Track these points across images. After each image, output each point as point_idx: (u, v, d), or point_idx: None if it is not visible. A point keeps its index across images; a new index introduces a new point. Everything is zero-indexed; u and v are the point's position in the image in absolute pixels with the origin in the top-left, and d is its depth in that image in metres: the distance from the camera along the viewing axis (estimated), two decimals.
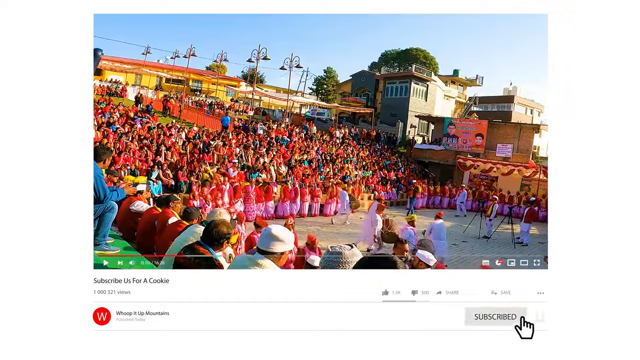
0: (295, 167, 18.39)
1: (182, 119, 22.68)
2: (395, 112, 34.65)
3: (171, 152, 14.88)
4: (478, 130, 28.22)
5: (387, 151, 28.94)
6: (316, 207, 15.96)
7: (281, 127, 23.96)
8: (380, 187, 21.67)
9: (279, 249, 2.77)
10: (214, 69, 43.33)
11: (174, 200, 5.93)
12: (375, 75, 39.40)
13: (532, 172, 22.89)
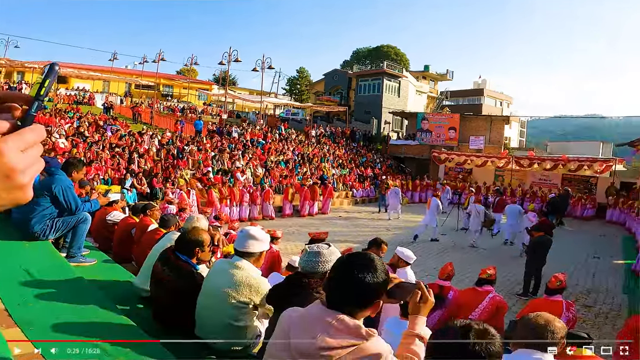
0: (272, 168, 18.34)
1: (154, 125, 22.31)
2: (369, 109, 34.86)
3: (144, 160, 14.63)
4: (451, 123, 28.69)
5: (363, 148, 29.13)
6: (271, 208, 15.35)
7: (256, 129, 23.84)
8: (358, 185, 21.83)
9: (257, 248, 2.82)
10: (184, 73, 42.74)
11: (151, 208, 5.87)
12: (348, 74, 39.54)
13: (504, 162, 23.42)
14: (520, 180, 23.29)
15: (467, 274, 8.96)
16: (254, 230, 2.91)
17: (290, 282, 2.53)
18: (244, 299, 2.66)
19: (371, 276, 1.48)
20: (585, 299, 8.03)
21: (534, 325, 2.13)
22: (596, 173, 21.38)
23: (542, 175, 23.02)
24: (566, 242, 12.96)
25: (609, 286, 8.94)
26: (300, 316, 1.57)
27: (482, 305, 4.64)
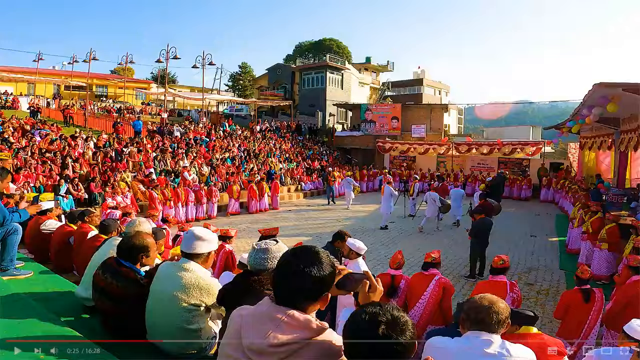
0: (218, 166, 17.96)
1: (88, 127, 21.10)
2: (313, 102, 35.01)
3: (80, 164, 13.82)
4: (393, 113, 29.46)
5: (309, 141, 29.23)
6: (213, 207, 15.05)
7: (199, 127, 23.20)
8: (306, 178, 21.88)
9: (204, 249, 2.76)
10: (119, 72, 40.71)
11: (89, 214, 5.57)
12: (291, 68, 39.45)
13: (445, 149, 24.40)
14: (461, 166, 24.38)
15: (419, 259, 9.24)
16: (200, 230, 2.82)
17: (239, 281, 2.48)
18: (195, 302, 2.60)
19: (317, 269, 1.47)
20: (526, 277, 8.43)
21: (479, 307, 2.18)
22: (528, 155, 22.81)
23: (480, 160, 24.21)
24: (506, 223, 13.73)
25: (547, 263, 9.47)
26: (250, 314, 1.55)
27: (429, 288, 4.75)
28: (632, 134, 11.01)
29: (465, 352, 2.11)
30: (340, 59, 39.78)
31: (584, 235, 9.03)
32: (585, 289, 4.70)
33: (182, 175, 15.44)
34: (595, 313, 4.60)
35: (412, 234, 12.48)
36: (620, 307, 4.65)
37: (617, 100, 9.79)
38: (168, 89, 28.04)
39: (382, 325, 1.32)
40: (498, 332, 2.15)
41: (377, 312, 1.36)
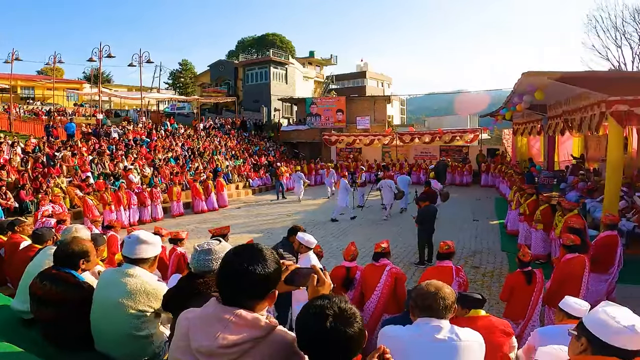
0: (161, 166, 17.34)
1: (14, 131, 19.61)
2: (258, 97, 34.64)
3: (6, 171, 12.82)
4: (338, 106, 29.77)
5: (255, 137, 28.91)
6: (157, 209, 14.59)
7: (138, 127, 22.25)
8: (253, 174, 21.64)
9: (149, 253, 2.65)
10: (47, 72, 38.07)
11: (20, 223, 5.24)
12: (234, 64, 38.77)
13: (389, 139, 25.01)
14: (405, 155, 25.11)
15: (370, 250, 9.39)
16: (144, 234, 2.71)
17: (184, 284, 2.40)
18: (143, 307, 2.51)
19: (261, 267, 1.46)
20: (472, 260, 8.76)
21: (426, 294, 2.22)
22: (467, 143, 23.87)
23: (423, 149, 25.04)
24: (450, 208, 14.29)
25: (490, 246, 9.90)
26: (197, 317, 1.51)
27: (382, 279, 4.81)
28: (558, 120, 11.80)
29: (416, 339, 2.15)
30: (284, 54, 39.58)
31: (521, 217, 9.55)
32: (527, 271, 4.88)
33: (126, 177, 14.80)
34: (536, 294, 4.80)
35: (362, 225, 12.69)
36: (558, 285, 4.90)
37: (543, 88, 10.44)
38: (103, 89, 26.60)
39: (329, 318, 1.33)
40: (446, 317, 2.20)
41: (324, 305, 1.37)
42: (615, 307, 1.78)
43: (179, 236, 6.38)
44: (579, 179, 12.59)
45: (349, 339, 1.33)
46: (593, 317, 1.77)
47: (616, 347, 1.65)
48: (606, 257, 5.82)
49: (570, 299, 3.18)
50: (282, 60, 36.61)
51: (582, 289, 4.91)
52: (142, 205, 13.83)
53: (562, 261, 5.20)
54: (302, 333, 1.38)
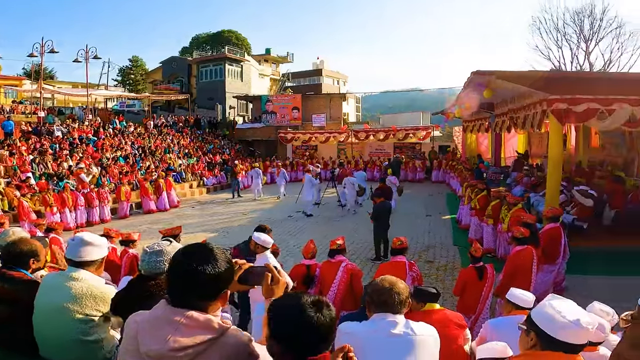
0: (110, 166, 16.61)
1: None
2: (212, 95, 33.97)
3: None
4: (294, 104, 29.72)
5: (210, 135, 28.32)
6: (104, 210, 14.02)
7: (84, 125, 21.19)
8: (208, 173, 21.20)
9: (95, 255, 2.55)
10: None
11: None
12: (188, 60, 37.80)
13: (345, 136, 25.22)
14: (360, 152, 25.43)
15: (327, 247, 9.42)
16: (88, 235, 2.60)
17: (135, 286, 2.30)
18: (91, 312, 2.41)
19: (212, 267, 1.41)
20: (426, 255, 8.97)
21: (381, 290, 2.25)
22: (420, 140, 24.48)
23: (377, 146, 25.46)
24: (404, 204, 14.60)
25: (442, 240, 10.18)
26: (146, 320, 1.44)
27: (338, 276, 4.83)
28: (504, 117, 12.31)
29: (373, 335, 2.17)
30: (240, 51, 39.01)
31: (472, 211, 9.89)
32: (478, 266, 5.03)
33: (77, 177, 14.16)
34: (487, 288, 4.97)
35: (318, 222, 12.72)
36: (509, 277, 5.10)
37: (491, 86, 10.85)
38: (45, 85, 25.10)
39: (308, 305, 1.37)
40: (401, 312, 2.23)
41: (299, 296, 1.42)
42: (561, 301, 1.82)
43: (131, 237, 6.19)
44: (523, 174, 13.20)
45: (325, 325, 1.36)
46: (540, 311, 1.81)
47: (563, 341, 1.69)
48: (552, 249, 6.11)
49: (516, 290, 3.31)
50: (238, 58, 36.08)
51: (532, 280, 5.14)
52: (90, 206, 13.21)
53: (512, 253, 5.41)
54: (279, 323, 1.38)
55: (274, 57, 46.61)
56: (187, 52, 45.70)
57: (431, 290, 3.39)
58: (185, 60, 38.43)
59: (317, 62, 50.51)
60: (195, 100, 34.68)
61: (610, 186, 9.98)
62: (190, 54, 42.34)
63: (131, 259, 5.86)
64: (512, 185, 12.82)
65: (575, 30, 27.01)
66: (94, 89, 28.25)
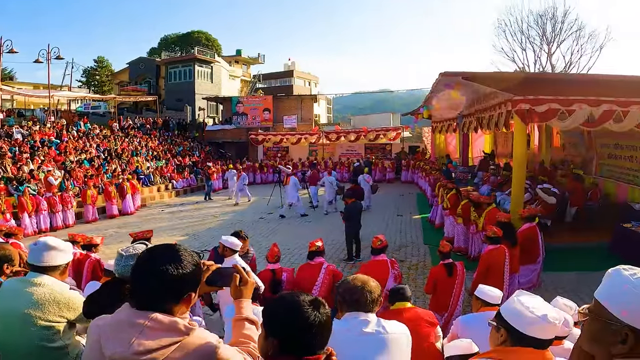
0: (74, 169, 16.06)
1: None
2: (181, 96, 33.36)
3: None
4: (265, 105, 29.54)
5: (179, 137, 27.79)
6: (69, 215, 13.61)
7: (46, 127, 20.40)
8: (177, 176, 20.80)
9: (60, 260, 2.49)
10: None
11: None
12: (156, 61, 37.01)
13: (316, 138, 25.26)
14: (331, 153, 25.52)
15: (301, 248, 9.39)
16: (52, 240, 2.52)
17: (108, 290, 2.25)
18: (54, 318, 2.34)
19: (176, 267, 1.38)
20: (398, 254, 8.99)
21: (353, 288, 2.24)
22: (390, 140, 24.80)
23: (348, 147, 25.62)
24: (375, 204, 14.74)
25: (413, 240, 10.29)
26: (109, 324, 1.40)
27: (320, 277, 4.82)
28: (471, 118, 12.61)
29: (345, 334, 2.15)
30: (210, 52, 38.50)
31: (445, 211, 10.06)
32: (447, 263, 5.08)
33: (45, 180, 13.74)
34: (458, 285, 5.03)
35: (290, 224, 12.67)
36: (483, 275, 5.20)
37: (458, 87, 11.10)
38: (3, 87, 24.05)
39: (305, 303, 1.39)
40: (373, 310, 2.23)
41: (296, 295, 1.44)
42: (529, 297, 1.85)
43: (93, 242, 6.01)
44: (490, 173, 13.56)
45: (319, 322, 1.38)
46: (509, 307, 1.83)
47: (532, 336, 1.72)
48: (531, 248, 6.28)
49: (484, 287, 3.36)
50: (208, 59, 35.59)
51: (505, 277, 5.26)
52: (53, 211, 12.74)
53: (484, 252, 5.51)
54: (278, 321, 1.39)
55: (244, 58, 46.17)
56: (156, 53, 44.78)
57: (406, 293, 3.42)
58: (154, 61, 37.64)
59: (289, 64, 50.42)
60: (163, 102, 33.98)
61: (571, 184, 10.37)
62: (158, 54, 41.51)
63: (93, 263, 5.70)
64: (479, 185, 13.14)
65: (538, 33, 27.91)
66: (56, 90, 27.21)
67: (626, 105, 7.27)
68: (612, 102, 7.27)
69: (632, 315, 1.04)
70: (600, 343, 1.11)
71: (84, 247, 5.99)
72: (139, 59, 38.43)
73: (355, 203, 9.12)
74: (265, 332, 1.39)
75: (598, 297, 1.15)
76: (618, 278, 1.12)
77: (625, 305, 1.06)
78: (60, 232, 12.08)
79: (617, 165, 10.56)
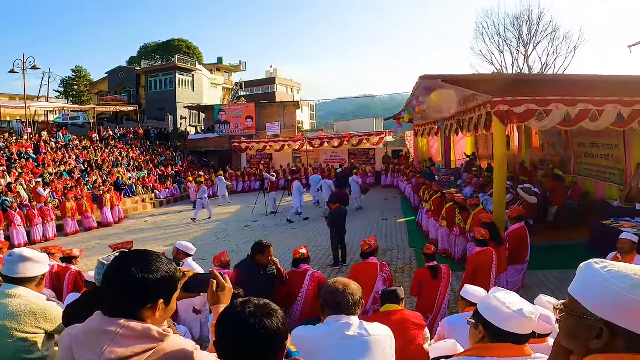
0: (53, 181, 15.74)
1: None
2: (162, 105, 33.04)
3: None
4: (247, 113, 29.42)
5: (161, 147, 27.49)
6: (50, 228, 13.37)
7: (23, 139, 19.99)
8: (160, 186, 20.54)
9: (36, 271, 2.48)
10: None
11: None
12: (136, 70, 36.60)
13: (299, 144, 25.22)
14: (315, 159, 25.52)
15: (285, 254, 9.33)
16: (27, 251, 2.53)
17: (89, 299, 2.22)
18: (31, 329, 2.33)
19: (141, 272, 1.34)
20: (383, 257, 8.95)
21: (334, 292, 2.24)
22: (373, 145, 24.91)
23: (332, 153, 25.64)
24: (360, 209, 14.77)
25: (399, 243, 10.32)
26: (80, 332, 1.37)
27: (305, 284, 4.76)
28: (452, 121, 12.75)
29: (327, 337, 2.15)
30: (191, 60, 38.24)
31: (429, 213, 10.09)
32: (432, 266, 5.12)
33: (34, 191, 13.74)
34: (443, 287, 5.06)
35: (275, 231, 12.59)
36: (471, 277, 5.23)
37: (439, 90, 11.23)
38: None
39: (250, 306, 1.35)
40: (355, 313, 2.22)
41: (249, 299, 1.39)
42: (504, 293, 1.88)
43: (72, 254, 5.91)
44: (472, 175, 13.71)
45: (267, 331, 1.31)
46: (486, 304, 1.85)
47: (509, 332, 1.74)
48: (520, 248, 6.33)
49: (469, 287, 3.39)
50: (189, 67, 35.34)
51: (491, 279, 5.30)
52: (31, 224, 12.47)
53: (473, 254, 5.56)
54: (224, 326, 1.34)
55: (226, 66, 46.02)
56: (135, 62, 44.32)
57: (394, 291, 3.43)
58: (133, 70, 37.24)
59: (271, 71, 50.49)
60: (144, 112, 33.61)
61: (551, 184, 10.55)
62: (138, 63, 41.06)
63: (74, 275, 5.60)
64: (463, 187, 13.26)
65: (515, 35, 28.46)
66: (33, 101, 26.71)
67: (601, 105, 7.44)
68: (587, 101, 7.44)
69: (604, 309, 1.04)
70: (576, 339, 1.11)
71: (63, 260, 5.90)
72: (119, 68, 37.98)
73: (340, 208, 9.10)
74: (214, 341, 1.38)
75: (572, 292, 1.16)
76: (589, 272, 1.12)
77: (597, 299, 1.06)
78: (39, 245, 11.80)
79: (594, 164, 10.79)
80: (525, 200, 9.37)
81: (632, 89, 7.63)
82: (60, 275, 5.62)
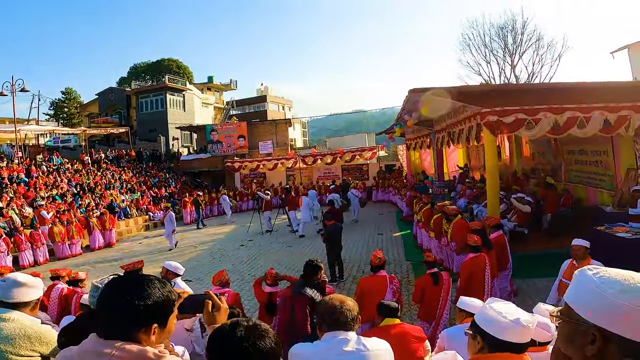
0: (45, 205, 15.58)
1: None
2: (154, 127, 33.01)
3: None
4: (239, 132, 29.45)
5: (153, 168, 27.38)
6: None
7: (14, 163, 19.84)
8: (154, 207, 20.41)
9: (31, 296, 2.51)
10: None
11: None
12: (126, 91, 36.62)
13: (292, 162, 25.22)
14: (309, 177, 25.52)
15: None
16: (22, 276, 2.56)
17: (84, 322, 2.22)
18: (27, 352, 2.34)
19: (140, 300, 1.34)
20: None
21: (331, 308, 2.24)
22: (367, 160, 25.01)
23: (325, 169, 25.68)
24: (356, 224, 14.76)
25: (395, 257, 10.30)
26: (75, 355, 1.36)
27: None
28: (443, 133, 12.87)
29: (325, 354, 2.14)
30: (181, 80, 38.43)
31: (419, 224, 10.11)
32: (433, 272, 5.20)
33: (38, 214, 13.93)
34: (444, 293, 5.11)
35: (271, 250, 12.51)
36: (465, 283, 5.27)
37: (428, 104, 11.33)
38: None
39: (240, 328, 1.35)
40: (353, 329, 2.22)
41: (240, 321, 1.40)
42: (500, 303, 1.90)
43: (78, 277, 5.94)
44: (466, 186, 13.79)
45: (259, 352, 1.32)
46: (482, 314, 1.86)
47: (508, 341, 1.74)
48: (502, 254, 6.38)
49: (465, 298, 3.40)
50: (179, 87, 35.47)
51: (486, 284, 5.32)
52: (19, 250, 12.34)
53: (466, 260, 5.60)
54: (214, 346, 1.36)
55: (217, 84, 46.22)
56: (125, 83, 44.40)
57: (392, 304, 3.43)
58: (124, 90, 37.27)
59: (262, 88, 50.78)
60: (136, 133, 33.56)
61: (543, 192, 10.64)
62: (128, 84, 41.15)
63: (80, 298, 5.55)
64: (456, 199, 13.32)
65: (500, 45, 28.90)
66: (22, 125, 26.61)
67: (588, 111, 7.56)
68: (574, 109, 7.56)
69: (595, 315, 1.05)
70: (573, 345, 1.12)
71: (69, 283, 5.88)
72: (109, 89, 37.98)
73: (335, 225, 9.08)
74: None
75: (566, 299, 1.17)
76: (583, 279, 1.13)
77: (589, 305, 1.07)
78: (29, 269, 11.63)
79: (584, 171, 10.90)
80: (520, 210, 9.43)
81: (617, 95, 7.77)
82: (69, 298, 5.62)
